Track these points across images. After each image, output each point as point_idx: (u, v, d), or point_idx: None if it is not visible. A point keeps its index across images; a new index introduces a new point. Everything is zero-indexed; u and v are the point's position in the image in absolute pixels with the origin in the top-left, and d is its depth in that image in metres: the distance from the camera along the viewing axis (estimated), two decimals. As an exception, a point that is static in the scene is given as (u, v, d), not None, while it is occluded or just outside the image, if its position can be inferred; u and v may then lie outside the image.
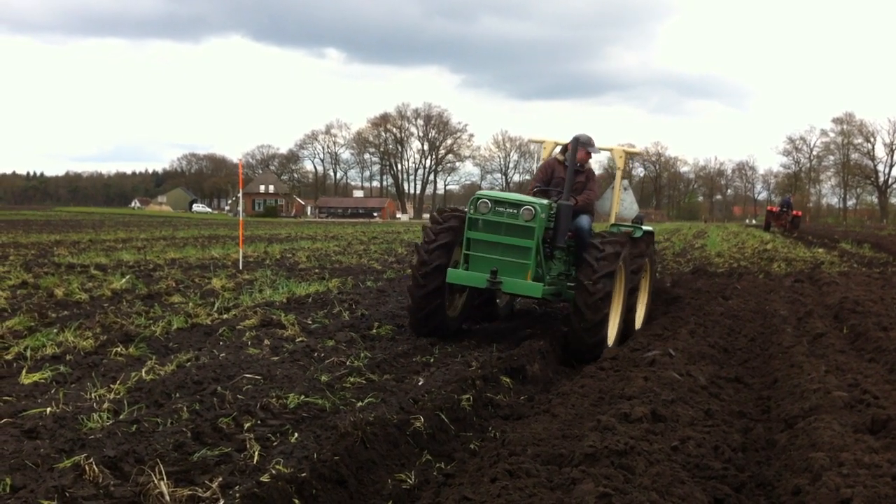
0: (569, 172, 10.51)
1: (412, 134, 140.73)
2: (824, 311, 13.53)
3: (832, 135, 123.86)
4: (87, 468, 4.88)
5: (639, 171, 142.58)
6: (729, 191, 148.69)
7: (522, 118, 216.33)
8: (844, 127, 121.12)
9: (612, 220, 12.11)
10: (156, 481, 4.59)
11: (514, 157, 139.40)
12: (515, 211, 9.87)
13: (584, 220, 10.91)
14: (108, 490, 4.74)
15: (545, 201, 10.22)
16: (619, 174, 12.18)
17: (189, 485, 4.76)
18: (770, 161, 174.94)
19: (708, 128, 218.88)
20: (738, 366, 9.26)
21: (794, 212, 56.86)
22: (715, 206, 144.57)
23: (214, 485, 4.68)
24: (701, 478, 5.11)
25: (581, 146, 11.03)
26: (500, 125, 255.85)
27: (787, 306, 14.07)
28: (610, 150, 12.13)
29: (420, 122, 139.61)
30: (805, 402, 6.83)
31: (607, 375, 8.26)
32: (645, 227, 11.81)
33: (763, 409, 7.38)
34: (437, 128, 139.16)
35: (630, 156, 13.92)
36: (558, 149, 11.92)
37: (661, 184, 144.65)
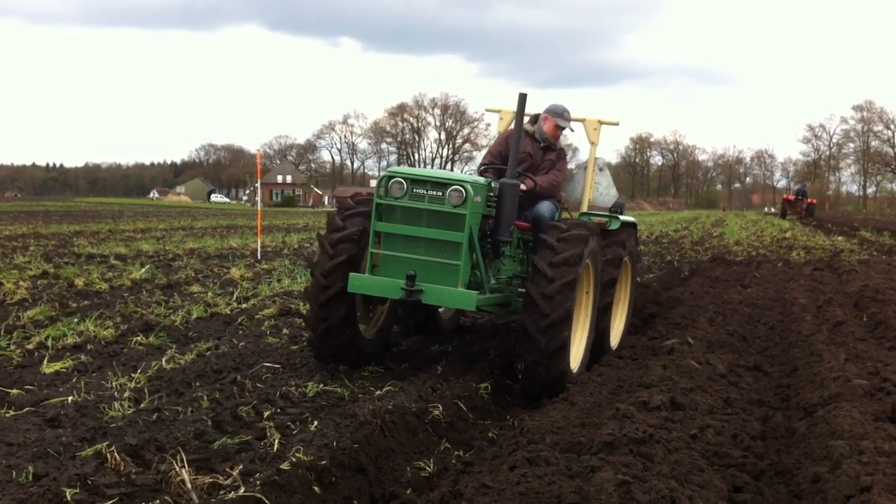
0: (514, 143, 7.93)
1: (429, 123, 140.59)
2: (844, 300, 13.46)
3: (852, 122, 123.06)
4: (108, 456, 4.93)
5: (657, 160, 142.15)
6: (748, 179, 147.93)
7: (540, 106, 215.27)
8: (864, 114, 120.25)
9: (584, 208, 9.50)
10: (177, 469, 4.62)
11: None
12: (440, 193, 7.33)
13: (544, 207, 8.55)
14: (130, 478, 4.79)
15: (482, 180, 7.70)
16: (592, 150, 9.60)
17: (210, 472, 4.79)
18: (789, 149, 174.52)
19: (727, 116, 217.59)
20: (757, 354, 9.23)
21: (809, 200, 59.69)
22: (733, 194, 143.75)
23: (235, 472, 4.71)
24: (720, 466, 5.10)
25: (551, 117, 8.87)
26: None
27: (807, 294, 14.01)
28: (581, 120, 9.50)
29: (437, 111, 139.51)
30: (825, 391, 6.80)
31: (625, 364, 8.25)
32: (625, 217, 9.44)
33: (782, 398, 7.36)
34: (454, 117, 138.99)
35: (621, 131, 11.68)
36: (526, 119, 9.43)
37: (680, 172, 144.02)
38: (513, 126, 8.52)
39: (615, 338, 9.51)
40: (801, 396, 7.03)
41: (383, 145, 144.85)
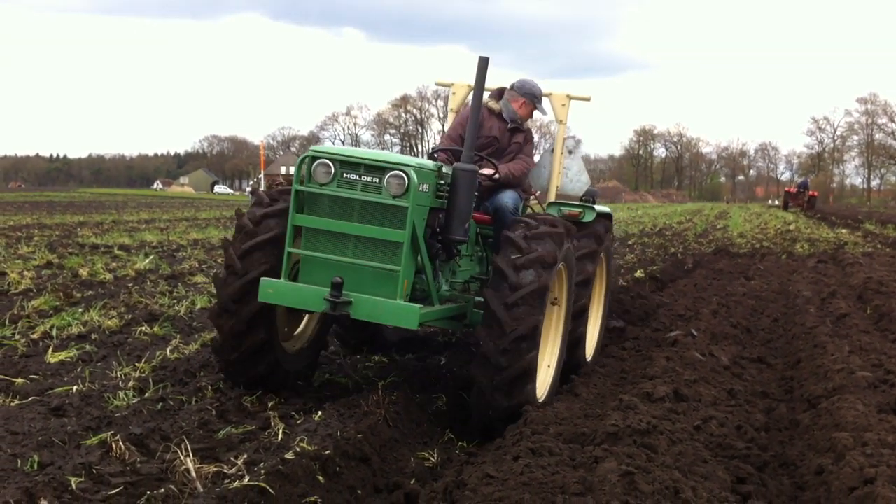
0: (470, 123, 6.38)
1: (432, 115, 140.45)
2: (848, 292, 13.45)
3: (856, 115, 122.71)
4: (113, 445, 4.94)
5: (660, 152, 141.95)
6: (752, 171, 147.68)
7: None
8: (868, 107, 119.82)
9: (552, 197, 8.08)
10: (182, 458, 4.63)
11: (535, 137, 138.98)
12: (376, 180, 5.79)
13: (507, 197, 7.20)
14: (135, 467, 4.80)
15: (429, 164, 6.16)
16: (560, 130, 8.22)
17: (214, 461, 4.80)
18: (794, 142, 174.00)
19: (731, 108, 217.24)
20: (760, 346, 9.24)
21: (811, 192, 60.87)
22: (737, 186, 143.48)
23: (240, 461, 4.72)
24: (724, 457, 5.11)
25: (526, 98, 7.59)
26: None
27: (811, 287, 14.00)
28: (547, 95, 8.06)
29: (440, 103, 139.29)
30: (828, 383, 6.81)
31: (629, 356, 8.27)
32: (600, 208, 8.12)
33: (786, 390, 7.37)
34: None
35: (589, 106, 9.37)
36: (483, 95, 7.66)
37: (683, 164, 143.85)
38: (485, 101, 7.41)
39: (590, 348, 8.21)
40: (804, 388, 7.04)
41: (386, 137, 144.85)
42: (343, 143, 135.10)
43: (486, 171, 7.11)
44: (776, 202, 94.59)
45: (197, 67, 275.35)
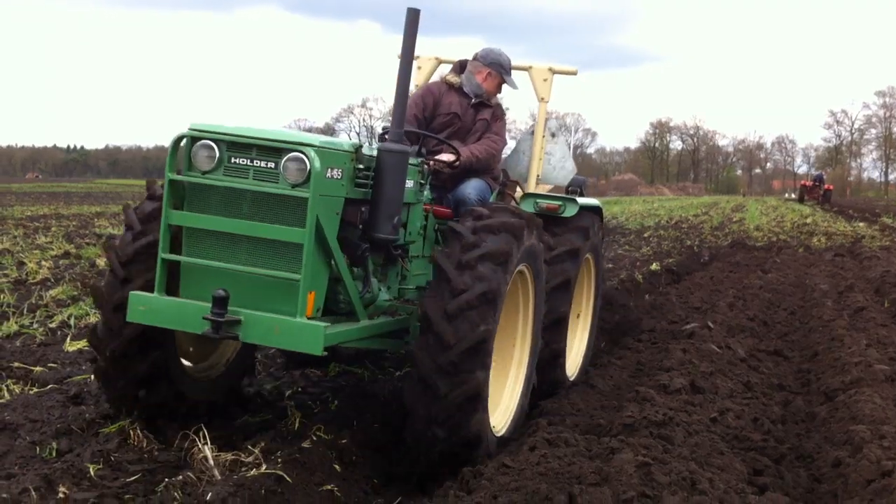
0: (397, 90, 5.10)
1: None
2: (865, 285, 13.39)
3: (874, 107, 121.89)
4: (131, 433, 4.98)
5: (676, 145, 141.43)
6: (768, 164, 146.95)
7: (557, 90, 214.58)
8: (887, 100, 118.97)
9: (532, 187, 6.98)
10: (199, 445, 4.66)
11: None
12: (272, 164, 4.57)
13: (471, 187, 6.27)
14: (153, 454, 4.84)
15: (341, 143, 4.83)
16: (542, 109, 7.11)
17: (232, 449, 4.83)
18: (811, 135, 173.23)
19: (749, 101, 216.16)
20: (777, 339, 9.20)
21: (826, 186, 61.76)
22: (754, 179, 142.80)
23: (257, 450, 4.74)
24: (740, 449, 5.10)
25: (492, 69, 6.59)
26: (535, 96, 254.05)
27: (828, 280, 13.94)
28: (527, 69, 7.02)
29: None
30: (846, 376, 6.78)
31: (645, 347, 8.25)
32: (586, 200, 6.95)
33: (803, 382, 7.34)
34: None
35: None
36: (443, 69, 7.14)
37: (699, 157, 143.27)
38: (444, 76, 6.71)
39: (574, 364, 7.11)
40: (821, 381, 7.01)
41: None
42: (358, 135, 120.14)
43: (445, 156, 6.05)
44: (792, 195, 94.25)
45: (212, 59, 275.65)
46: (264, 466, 4.39)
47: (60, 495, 4.15)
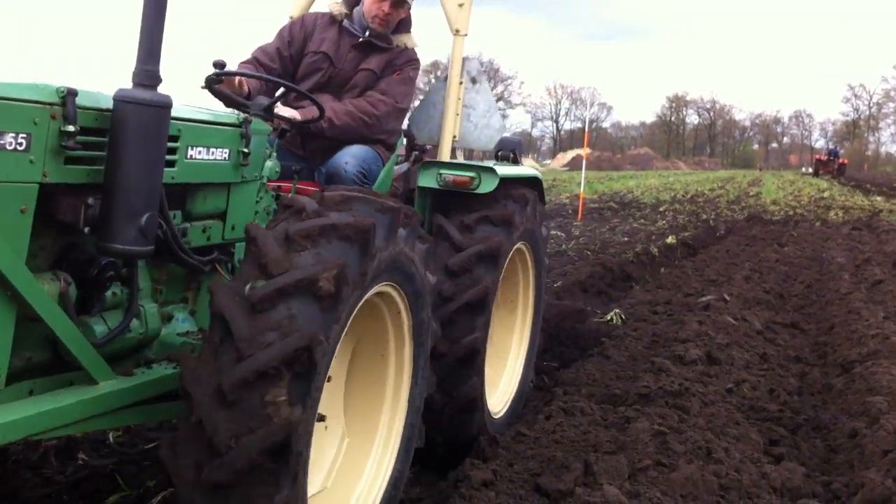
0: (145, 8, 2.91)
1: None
2: (883, 259, 13.30)
3: (893, 81, 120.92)
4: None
5: (692, 119, 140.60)
6: (785, 139, 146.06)
7: (573, 62, 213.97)
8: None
9: (445, 153, 5.07)
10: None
11: (566, 104, 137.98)
12: None
13: (349, 156, 4.59)
14: (171, 422, 4.87)
15: (34, 88, 2.64)
16: (456, 46, 5.09)
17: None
18: (828, 109, 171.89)
19: (766, 74, 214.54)
20: (793, 311, 9.17)
21: (841, 160, 63.09)
22: (770, 154, 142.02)
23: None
24: (756, 419, 5.10)
25: None
26: (550, 69, 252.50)
27: (845, 254, 13.86)
28: None
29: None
30: (862, 348, 6.76)
31: (661, 319, 8.23)
32: (514, 171, 5.00)
33: (819, 354, 7.32)
34: (488, 74, 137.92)
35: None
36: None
37: (716, 132, 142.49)
38: (329, 6, 4.99)
39: (500, 399, 5.05)
40: (838, 353, 6.99)
41: (416, 103, 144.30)
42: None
43: (286, 111, 4.29)
44: (809, 170, 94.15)
45: (230, 35, 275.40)
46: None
47: (80, 461, 4.20)
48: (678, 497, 3.73)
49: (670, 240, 15.02)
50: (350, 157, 4.52)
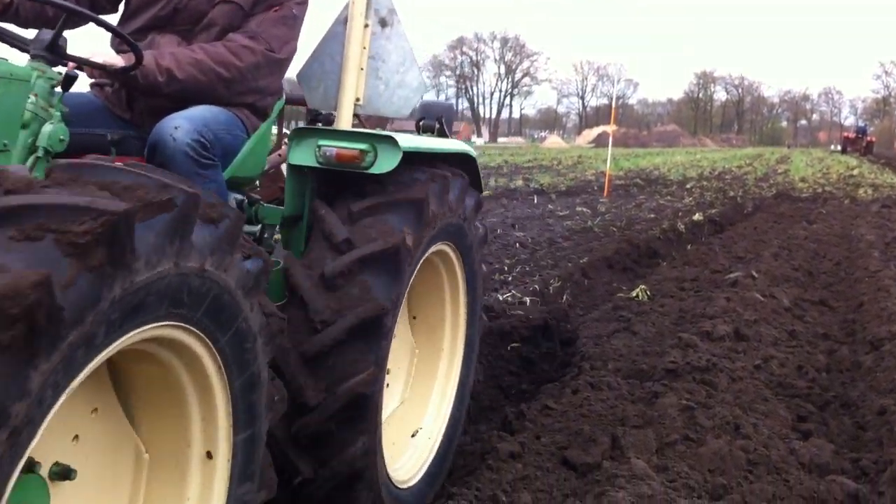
0: None
1: (488, 57, 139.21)
2: (914, 237, 13.16)
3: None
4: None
5: (721, 96, 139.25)
6: (814, 116, 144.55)
7: (598, 39, 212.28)
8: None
9: (345, 120, 3.69)
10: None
11: (592, 80, 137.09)
12: None
13: (182, 118, 2.99)
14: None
15: None
16: None
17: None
18: (858, 87, 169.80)
19: (795, 51, 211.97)
20: (822, 289, 9.10)
21: (869, 138, 63.41)
22: (799, 131, 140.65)
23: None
24: (784, 396, 5.08)
25: None
26: (575, 46, 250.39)
27: (874, 231, 13.72)
28: None
29: (496, 44, 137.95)
30: (892, 325, 6.70)
31: (688, 295, 8.19)
32: (433, 144, 3.78)
33: (848, 332, 7.27)
34: (514, 50, 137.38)
35: None
36: None
37: (744, 108, 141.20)
38: None
39: (413, 461, 3.73)
40: (867, 331, 6.93)
41: (441, 79, 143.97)
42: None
43: (97, 54, 2.98)
44: (839, 147, 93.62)
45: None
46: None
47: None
48: (706, 471, 3.72)
49: (697, 217, 14.92)
50: (184, 119, 2.99)
